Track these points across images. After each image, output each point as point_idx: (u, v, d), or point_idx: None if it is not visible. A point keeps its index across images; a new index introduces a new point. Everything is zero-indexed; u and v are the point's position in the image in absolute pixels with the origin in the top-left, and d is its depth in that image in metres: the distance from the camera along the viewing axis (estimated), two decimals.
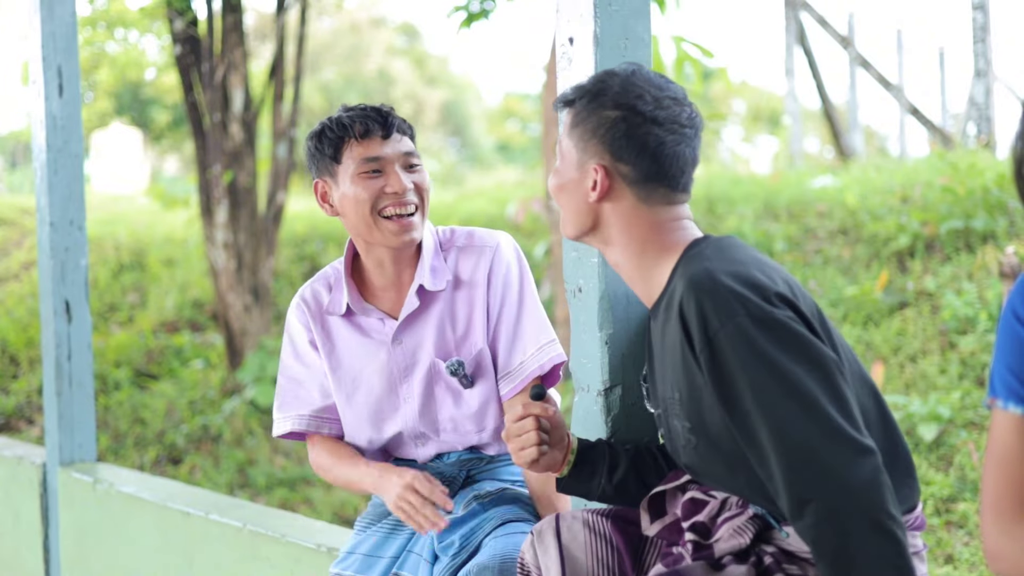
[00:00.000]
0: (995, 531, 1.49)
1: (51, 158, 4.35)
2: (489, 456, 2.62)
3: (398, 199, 2.47)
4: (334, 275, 2.63)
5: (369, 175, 2.48)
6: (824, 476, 1.74)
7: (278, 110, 8.69)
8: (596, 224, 2.05)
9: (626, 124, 1.98)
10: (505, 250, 2.57)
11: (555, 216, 7.39)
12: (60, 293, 4.37)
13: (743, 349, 1.80)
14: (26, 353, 9.82)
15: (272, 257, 8.74)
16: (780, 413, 1.77)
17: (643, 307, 2.36)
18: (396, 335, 2.54)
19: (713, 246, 1.97)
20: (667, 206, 2.02)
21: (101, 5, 10.59)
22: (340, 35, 23.67)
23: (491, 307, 2.54)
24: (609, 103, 2.00)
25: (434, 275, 2.53)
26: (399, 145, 2.51)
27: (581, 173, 2.03)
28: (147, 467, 7.79)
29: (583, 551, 2.14)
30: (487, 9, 6.82)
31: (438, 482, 2.41)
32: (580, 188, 2.04)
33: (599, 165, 2.01)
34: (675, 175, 2.00)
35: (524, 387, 2.52)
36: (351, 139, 2.49)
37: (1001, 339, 1.50)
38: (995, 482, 1.50)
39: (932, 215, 6.89)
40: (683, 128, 2.00)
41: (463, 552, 2.47)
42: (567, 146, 2.07)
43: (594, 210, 2.04)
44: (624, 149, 1.99)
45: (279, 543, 3.32)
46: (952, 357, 5.73)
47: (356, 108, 2.53)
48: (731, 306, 1.82)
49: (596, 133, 2.01)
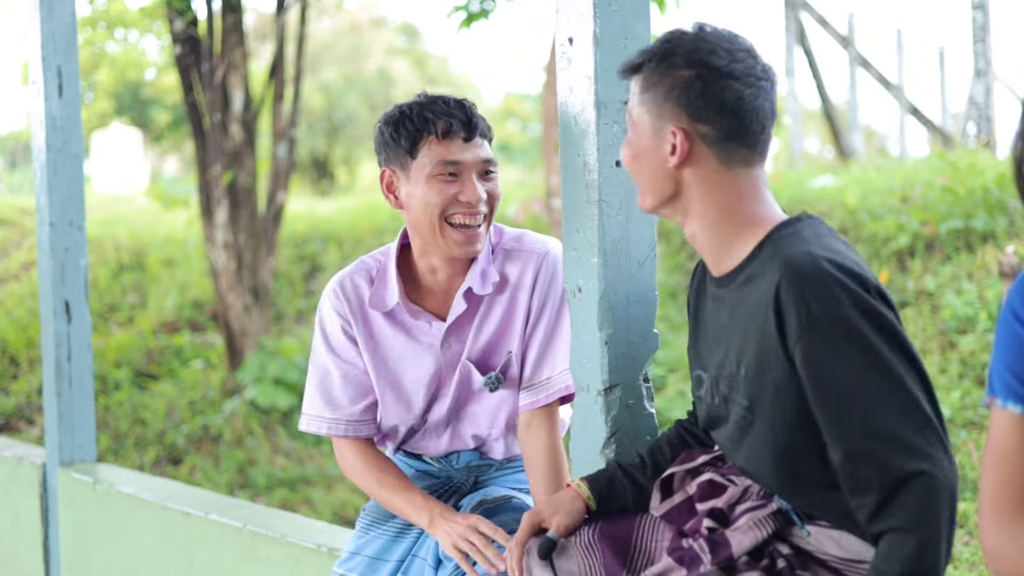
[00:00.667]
0: (994, 530, 1.49)
1: (51, 158, 4.35)
2: (497, 462, 2.61)
3: (470, 209, 2.38)
4: (376, 268, 2.53)
5: (445, 179, 2.37)
6: (918, 458, 1.73)
7: (278, 110, 8.68)
8: (677, 192, 1.96)
9: (702, 81, 1.90)
10: (554, 259, 2.50)
11: (555, 216, 7.38)
12: (60, 293, 4.37)
13: (847, 340, 1.76)
14: (26, 353, 9.82)
15: (272, 257, 8.74)
16: (880, 402, 1.75)
17: (644, 307, 2.36)
18: (445, 338, 2.49)
19: (809, 228, 1.90)
20: (747, 169, 1.94)
21: (101, 5, 10.59)
22: (340, 35, 23.66)
23: (531, 313, 2.48)
24: (681, 62, 1.92)
25: (483, 279, 2.46)
26: (479, 151, 2.40)
27: (657, 139, 1.94)
28: (147, 467, 7.79)
29: (574, 563, 2.13)
30: (487, 9, 6.82)
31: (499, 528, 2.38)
32: (657, 155, 1.95)
33: (677, 128, 1.92)
34: (756, 132, 1.92)
35: (547, 403, 2.47)
36: (431, 136, 2.38)
37: (1000, 338, 1.50)
38: (994, 481, 1.50)
39: (932, 215, 6.89)
40: (760, 81, 1.92)
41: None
42: (638, 113, 1.97)
43: (674, 176, 1.94)
44: (702, 108, 1.90)
45: (279, 543, 3.32)
46: (952, 357, 5.73)
47: (439, 101, 2.40)
48: (837, 296, 1.77)
49: (671, 95, 1.92)
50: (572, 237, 2.36)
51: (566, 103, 2.36)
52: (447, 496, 2.59)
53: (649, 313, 2.37)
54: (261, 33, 17.27)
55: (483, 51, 53.19)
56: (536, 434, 2.46)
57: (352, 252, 10.68)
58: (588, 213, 2.32)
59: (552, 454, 2.45)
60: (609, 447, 2.32)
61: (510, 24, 60.93)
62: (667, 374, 6.73)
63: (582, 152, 2.33)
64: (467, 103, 2.42)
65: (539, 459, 2.45)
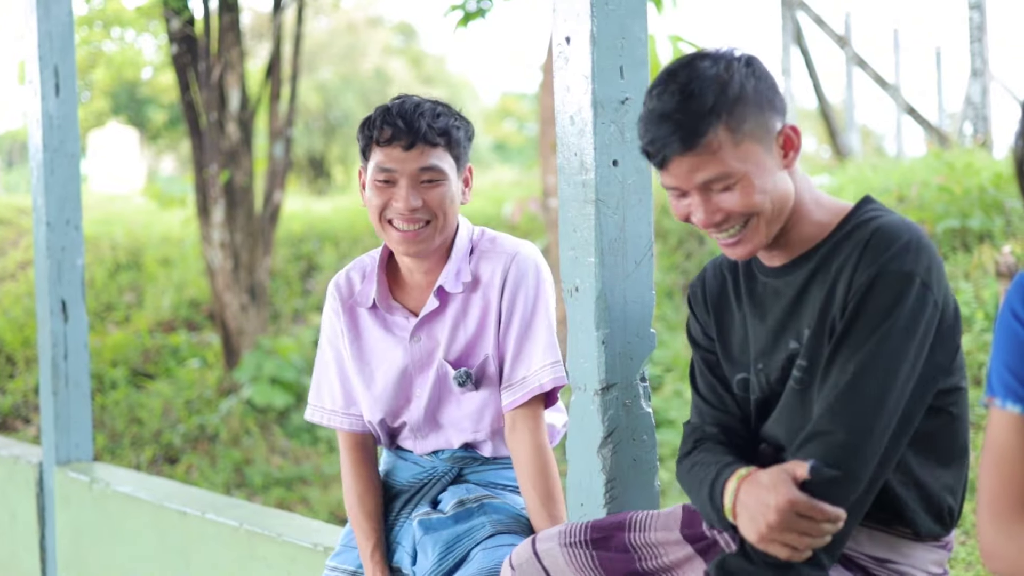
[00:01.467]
0: (992, 530, 1.49)
1: (47, 158, 4.35)
2: (484, 457, 2.62)
3: (402, 215, 2.44)
4: (370, 264, 2.62)
5: (381, 184, 2.46)
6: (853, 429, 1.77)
7: (275, 109, 8.68)
8: (790, 193, 1.92)
9: (765, 81, 1.90)
10: (524, 260, 2.52)
11: (552, 215, 7.38)
12: (56, 293, 4.37)
13: (897, 300, 1.79)
14: (22, 353, 9.82)
15: (269, 256, 8.74)
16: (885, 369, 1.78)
17: (641, 306, 2.36)
18: (414, 332, 2.54)
19: (885, 209, 1.94)
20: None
21: (98, 4, 10.59)
22: (337, 34, 23.64)
23: (503, 314, 2.51)
24: (744, 78, 1.87)
25: (456, 277, 2.52)
26: (420, 159, 2.44)
27: (768, 151, 1.88)
28: (143, 467, 7.78)
29: (565, 567, 2.13)
30: (484, 8, 6.83)
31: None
32: (774, 166, 1.89)
33: (787, 127, 1.89)
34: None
35: (525, 401, 2.48)
36: (375, 142, 2.47)
37: (999, 338, 1.49)
38: (992, 481, 1.49)
39: (928, 214, 6.89)
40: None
41: (450, 558, 2.46)
42: (742, 151, 1.85)
43: (788, 179, 1.91)
44: (782, 102, 1.92)
45: (276, 542, 3.32)
46: None
47: (392, 110, 2.47)
48: (922, 261, 1.80)
49: (762, 105, 1.87)
50: (569, 237, 2.36)
51: (563, 102, 2.36)
52: (431, 486, 2.61)
53: (646, 313, 2.37)
54: (258, 32, 17.26)
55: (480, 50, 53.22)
56: (520, 435, 2.48)
57: (349, 251, 10.68)
58: (585, 212, 2.32)
59: (536, 454, 2.46)
60: (606, 447, 2.32)
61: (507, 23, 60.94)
62: (664, 374, 6.74)
63: (579, 151, 2.33)
64: (419, 110, 2.46)
65: (524, 460, 2.46)
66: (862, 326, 1.80)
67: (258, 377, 8.20)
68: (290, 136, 8.82)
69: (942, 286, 1.84)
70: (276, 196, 8.75)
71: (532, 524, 2.50)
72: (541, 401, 2.51)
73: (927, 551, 1.92)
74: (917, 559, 1.92)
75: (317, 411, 2.68)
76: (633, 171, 2.32)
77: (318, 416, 2.68)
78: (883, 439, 1.78)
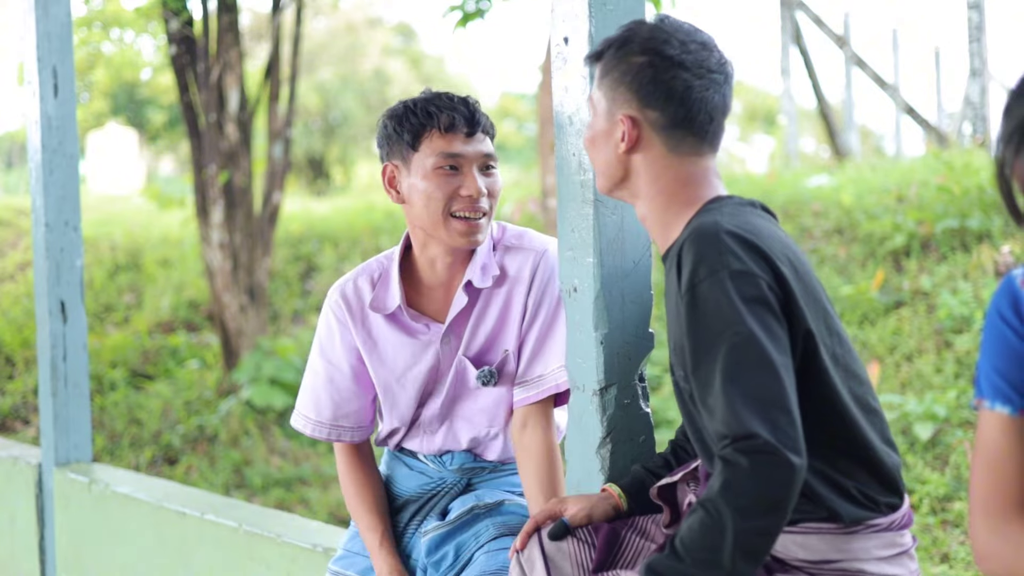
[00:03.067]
0: (984, 531, 1.49)
1: (46, 159, 4.35)
2: (492, 464, 2.60)
3: (471, 203, 2.41)
4: (379, 270, 2.56)
5: (446, 172, 2.41)
6: (763, 424, 1.72)
7: (274, 110, 8.68)
8: (626, 176, 2.03)
9: (653, 69, 1.96)
10: (553, 257, 2.51)
11: (551, 215, 7.39)
12: (55, 294, 4.37)
13: (716, 300, 1.79)
14: (22, 354, 9.81)
15: (268, 257, 8.73)
16: (739, 361, 1.76)
17: (639, 306, 2.36)
18: (446, 333, 2.50)
19: (732, 205, 1.96)
20: (695, 158, 2.00)
21: (97, 5, 10.59)
22: (336, 35, 23.64)
23: (527, 310, 2.49)
24: (636, 49, 1.98)
25: (483, 272, 2.49)
26: (481, 145, 2.44)
27: (610, 124, 2.02)
28: (143, 467, 7.78)
29: (567, 560, 2.13)
30: (483, 9, 6.83)
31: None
32: (610, 139, 2.02)
33: (626, 116, 1.98)
34: (703, 122, 1.98)
35: (538, 400, 2.47)
36: (434, 129, 2.41)
37: (987, 339, 1.50)
38: (983, 483, 1.50)
39: (928, 214, 6.89)
40: (711, 73, 1.98)
41: (457, 563, 2.46)
42: (597, 98, 2.04)
43: (623, 161, 2.01)
44: (651, 95, 1.97)
45: (275, 543, 3.32)
46: (948, 356, 5.73)
47: (443, 97, 2.45)
48: (721, 260, 1.81)
49: (623, 80, 1.99)
50: (567, 237, 2.36)
51: (561, 103, 2.37)
52: (440, 497, 2.59)
53: (644, 312, 2.37)
54: (257, 33, 17.26)
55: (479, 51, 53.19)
56: (531, 433, 2.47)
57: (348, 252, 10.68)
58: (583, 213, 2.32)
59: (546, 453, 2.45)
60: (605, 447, 2.32)
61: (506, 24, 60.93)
62: (663, 374, 6.74)
63: (577, 152, 2.33)
64: (471, 99, 2.46)
65: (533, 459, 2.45)
66: (692, 341, 1.83)
67: (257, 378, 8.20)
68: (289, 137, 8.82)
69: (761, 257, 1.83)
70: (275, 197, 8.75)
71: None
72: (552, 401, 2.50)
73: (865, 539, 1.88)
74: (856, 551, 1.87)
75: (300, 418, 2.65)
76: None
77: (300, 423, 2.64)
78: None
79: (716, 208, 1.95)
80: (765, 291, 1.80)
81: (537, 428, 2.47)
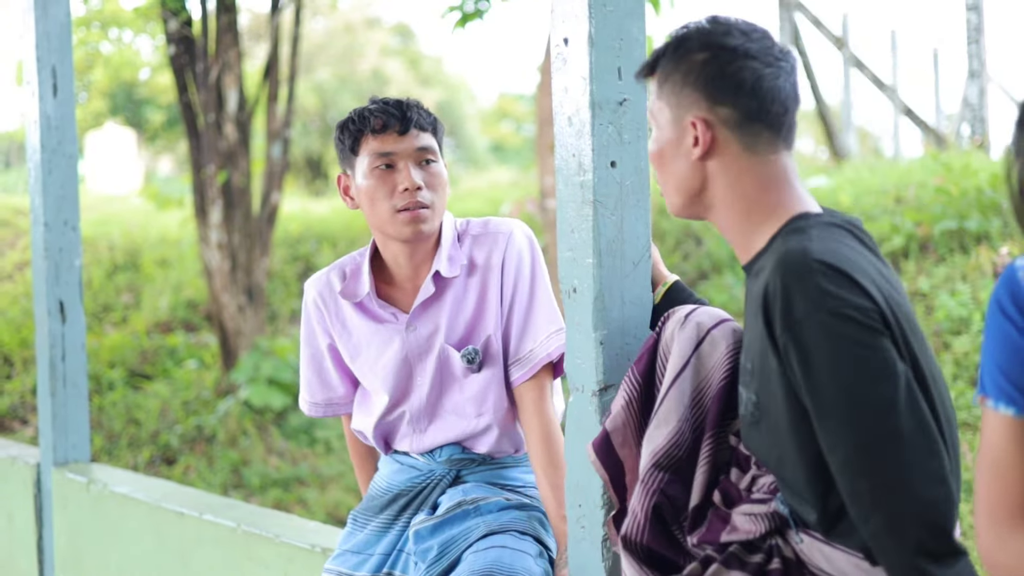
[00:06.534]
0: (989, 536, 1.46)
1: (45, 158, 4.35)
2: (480, 456, 2.62)
3: (409, 196, 2.49)
4: (351, 265, 2.66)
5: (382, 170, 2.50)
6: (889, 488, 1.65)
7: (272, 110, 8.68)
8: (703, 186, 1.91)
9: (718, 62, 1.86)
10: (518, 237, 2.59)
11: (549, 216, 7.38)
12: (54, 293, 4.37)
13: (828, 341, 1.68)
14: (20, 353, 9.81)
15: (266, 257, 8.73)
16: (868, 404, 1.67)
17: (639, 307, 2.36)
18: (410, 321, 2.57)
19: (821, 226, 1.82)
20: (772, 156, 1.88)
21: (95, 5, 10.59)
22: (334, 35, 23.65)
23: (504, 293, 2.57)
24: (695, 46, 1.88)
25: (451, 262, 2.56)
26: (415, 141, 2.52)
27: (679, 131, 1.91)
28: (141, 467, 7.78)
29: None
30: (481, 9, 6.83)
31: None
32: (680, 148, 1.91)
33: (697, 118, 1.87)
34: (778, 113, 1.88)
35: (534, 373, 2.54)
36: (368, 133, 2.51)
37: (989, 335, 1.45)
38: (988, 486, 1.46)
39: (926, 216, 6.90)
40: (779, 61, 1.88)
41: (442, 560, 2.47)
42: (659, 109, 1.94)
43: (698, 170, 1.90)
44: (720, 89, 1.86)
45: (273, 543, 3.32)
46: (946, 358, 5.73)
47: (379, 102, 2.55)
48: (817, 296, 1.69)
49: (687, 81, 1.88)
50: (567, 238, 2.36)
51: (561, 103, 2.36)
52: (430, 490, 2.61)
53: (644, 314, 2.37)
54: (255, 33, 17.27)
55: (477, 52, 53.21)
56: (528, 408, 2.54)
57: (346, 252, 10.68)
58: (583, 214, 2.32)
59: (541, 423, 2.52)
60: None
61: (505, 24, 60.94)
62: None
63: (577, 152, 2.33)
64: (407, 101, 2.56)
65: (531, 430, 2.52)
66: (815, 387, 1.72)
67: (255, 378, 8.20)
68: (288, 137, 8.82)
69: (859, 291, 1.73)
70: (274, 197, 8.75)
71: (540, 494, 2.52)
72: (549, 372, 2.56)
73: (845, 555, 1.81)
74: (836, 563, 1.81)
75: (301, 399, 2.80)
76: (631, 172, 2.32)
77: (302, 404, 2.80)
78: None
79: (802, 228, 1.81)
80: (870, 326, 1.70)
81: (530, 402, 2.54)
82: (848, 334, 1.68)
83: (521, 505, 2.56)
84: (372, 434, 2.66)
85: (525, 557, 2.42)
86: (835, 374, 1.68)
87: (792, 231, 1.82)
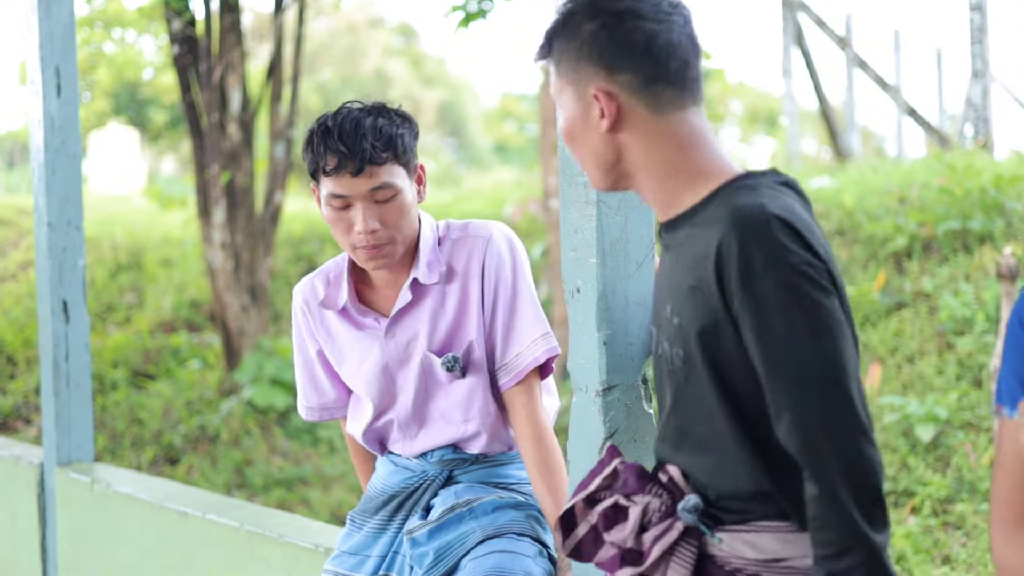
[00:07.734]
0: (1001, 541, 1.47)
1: (49, 158, 4.35)
2: (472, 456, 2.62)
3: (363, 238, 2.43)
4: (334, 270, 2.63)
5: (338, 209, 2.44)
6: (841, 446, 1.68)
7: (275, 110, 8.69)
8: (618, 157, 1.86)
9: (607, 30, 1.81)
10: (498, 240, 2.54)
11: (553, 216, 7.39)
12: (57, 293, 4.37)
13: (787, 295, 1.68)
14: (23, 353, 9.82)
15: (270, 257, 8.74)
16: (824, 359, 1.69)
17: (642, 308, 2.36)
18: (389, 328, 2.55)
19: (771, 185, 1.80)
20: (681, 113, 1.83)
21: (99, 5, 10.59)
22: (337, 35, 23.67)
23: (485, 298, 2.53)
24: (584, 18, 1.84)
25: (429, 269, 2.52)
26: (369, 181, 2.42)
27: (584, 106, 1.86)
28: (144, 467, 7.79)
29: None
30: (485, 9, 6.83)
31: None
32: (588, 123, 1.86)
33: (598, 90, 1.83)
34: (677, 69, 1.82)
35: (521, 379, 2.51)
36: (321, 172, 2.44)
37: (1008, 347, 1.48)
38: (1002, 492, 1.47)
39: (929, 216, 6.89)
40: (669, 16, 1.83)
41: (439, 566, 2.47)
42: (561, 87, 1.89)
43: (610, 142, 1.86)
44: (615, 57, 1.81)
45: (276, 543, 3.32)
46: (949, 358, 5.73)
47: (335, 131, 2.43)
48: (779, 252, 1.69)
49: (581, 54, 1.83)
50: (570, 237, 2.36)
51: None
52: (422, 491, 2.61)
53: (648, 314, 2.37)
54: (259, 33, 17.27)
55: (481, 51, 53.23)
56: (517, 412, 2.52)
57: None
58: (586, 214, 2.32)
59: (532, 427, 2.49)
60: (607, 448, 2.32)
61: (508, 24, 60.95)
62: None
63: None
64: (362, 133, 2.42)
65: (522, 435, 2.50)
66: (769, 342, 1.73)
67: (259, 378, 8.21)
68: (291, 137, 8.82)
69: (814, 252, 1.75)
70: (277, 197, 8.76)
71: (536, 497, 2.51)
72: (537, 374, 2.54)
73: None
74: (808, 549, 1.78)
75: (299, 404, 2.79)
76: None
77: (299, 409, 2.78)
78: None
79: (753, 187, 1.80)
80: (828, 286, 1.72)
81: (520, 407, 2.52)
82: (806, 291, 1.70)
83: (516, 504, 2.55)
84: (363, 439, 2.65)
85: (524, 559, 2.42)
86: (791, 329, 1.70)
87: (741, 188, 1.80)
